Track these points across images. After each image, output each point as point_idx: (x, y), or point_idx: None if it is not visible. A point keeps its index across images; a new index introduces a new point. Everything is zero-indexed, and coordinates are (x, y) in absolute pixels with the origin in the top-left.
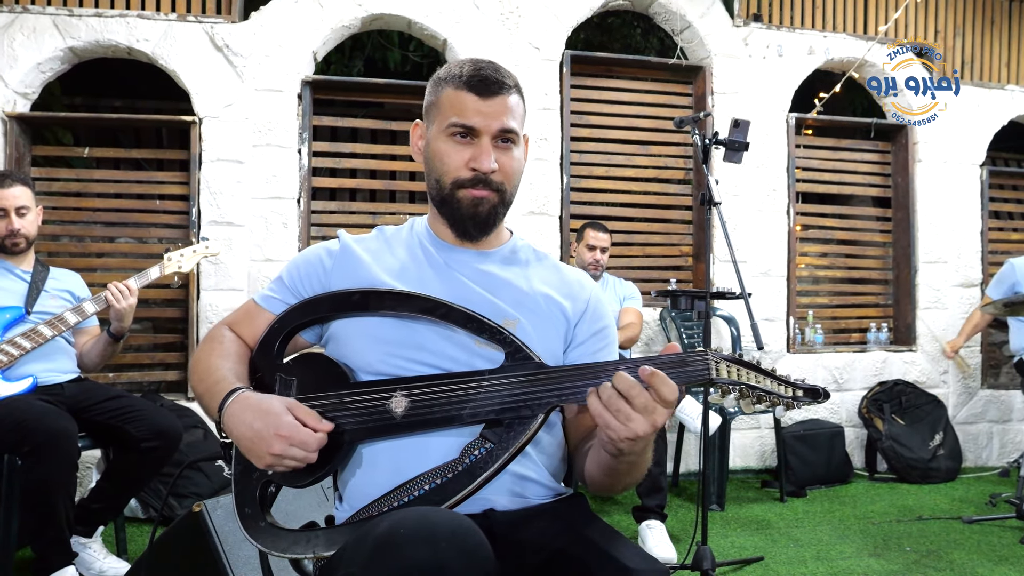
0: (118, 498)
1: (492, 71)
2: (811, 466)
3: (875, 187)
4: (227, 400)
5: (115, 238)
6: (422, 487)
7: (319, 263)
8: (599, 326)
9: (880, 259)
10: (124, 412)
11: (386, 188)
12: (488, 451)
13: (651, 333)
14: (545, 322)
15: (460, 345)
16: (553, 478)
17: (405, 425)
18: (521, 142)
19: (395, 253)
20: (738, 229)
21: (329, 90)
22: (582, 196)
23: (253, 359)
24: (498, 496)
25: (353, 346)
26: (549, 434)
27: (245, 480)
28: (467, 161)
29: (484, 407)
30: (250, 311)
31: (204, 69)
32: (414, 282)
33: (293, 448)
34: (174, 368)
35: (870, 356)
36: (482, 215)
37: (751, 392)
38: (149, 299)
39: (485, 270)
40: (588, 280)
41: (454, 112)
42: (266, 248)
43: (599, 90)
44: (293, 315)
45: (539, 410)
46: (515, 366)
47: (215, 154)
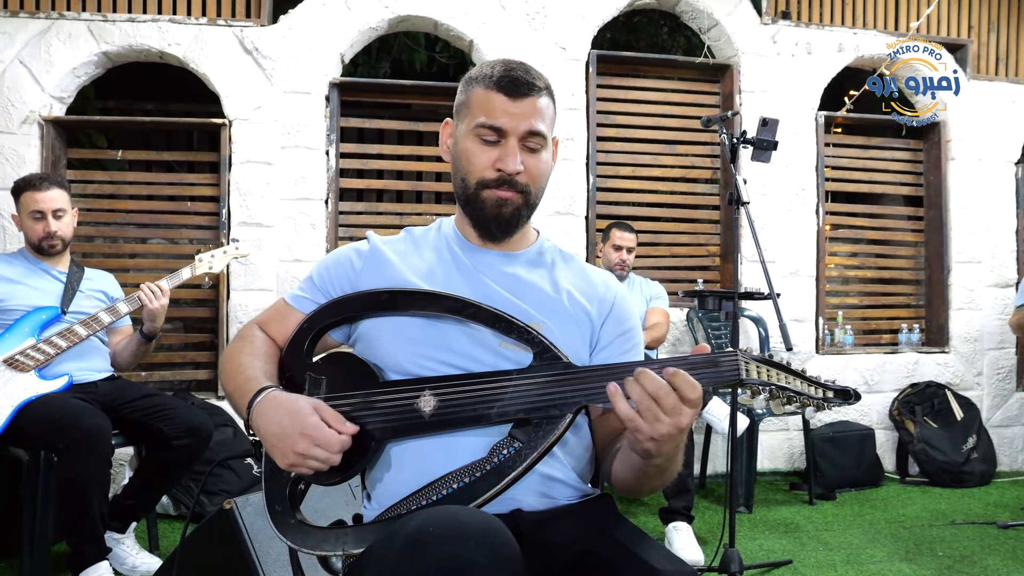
0: (150, 495)
1: (523, 72)
2: (841, 469)
3: (906, 186)
4: (256, 398)
5: (147, 239)
6: (450, 486)
7: (349, 264)
8: (625, 327)
9: (911, 259)
10: (156, 410)
11: (413, 189)
12: (516, 450)
13: (677, 334)
14: (570, 324)
15: (485, 346)
16: (580, 479)
17: (433, 424)
18: (549, 145)
19: (423, 255)
20: (766, 229)
21: (356, 92)
22: (608, 196)
23: (283, 358)
24: (526, 496)
25: (382, 345)
26: (576, 435)
27: (275, 478)
28: (493, 162)
29: (512, 406)
30: (281, 310)
31: (234, 72)
32: (441, 284)
33: (316, 448)
34: (204, 367)
35: (901, 357)
36: (505, 216)
37: (781, 393)
38: (180, 299)
39: (511, 272)
40: (613, 281)
41: (483, 112)
42: (295, 249)
43: (625, 89)
44: (323, 314)
45: (567, 410)
46: (543, 366)
47: (245, 156)
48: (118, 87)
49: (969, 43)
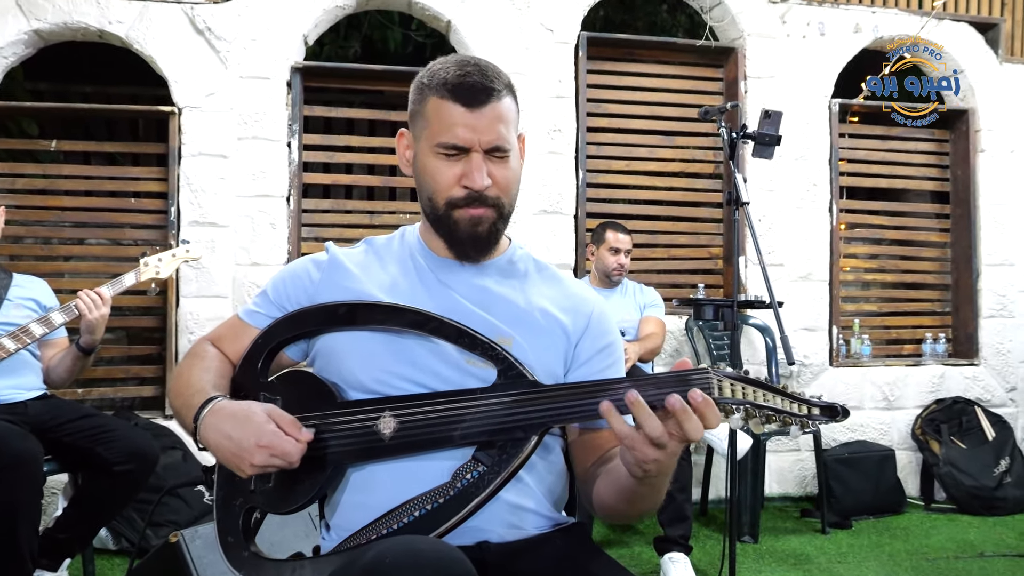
0: (87, 527)
1: (479, 76)
2: (857, 494)
3: (931, 180)
4: (203, 410)
5: (85, 240)
6: (412, 513)
7: (306, 275)
8: (604, 343)
9: (937, 261)
10: (95, 432)
11: (385, 185)
12: (480, 475)
13: (676, 344)
14: (542, 339)
15: (451, 363)
16: (552, 506)
17: (394, 447)
18: (515, 147)
19: (386, 267)
20: (773, 229)
21: (322, 77)
22: (600, 193)
23: (236, 376)
24: (493, 526)
25: (341, 361)
26: (545, 459)
27: (228, 507)
28: (459, 178)
29: (476, 428)
30: (234, 326)
31: (184, 54)
32: (405, 298)
33: (275, 459)
34: (150, 383)
35: (925, 370)
36: (482, 235)
37: (758, 411)
38: (122, 307)
39: (480, 284)
40: (591, 294)
41: (441, 129)
42: (253, 251)
43: (619, 75)
44: (278, 329)
45: (532, 432)
46: (508, 384)
47: (196, 148)
48: (52, 68)
49: (1002, 22)
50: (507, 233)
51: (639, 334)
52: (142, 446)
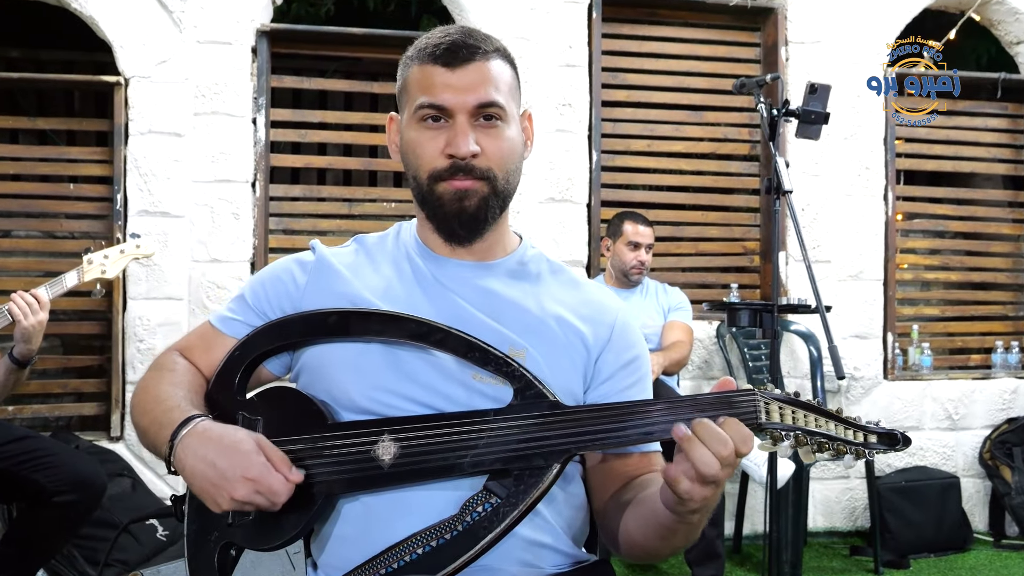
0: (23, 567)
1: (463, 36)
2: (916, 528)
3: (1004, 162)
4: (182, 429)
5: (12, 232)
6: (414, 551)
7: (290, 278)
8: (628, 356)
9: (1010, 257)
10: (31, 457)
11: (365, 168)
12: (493, 507)
13: (705, 354)
14: (559, 352)
15: (456, 380)
16: (572, 542)
17: (394, 476)
18: (513, 118)
19: (379, 269)
20: (819, 220)
21: (292, 42)
22: (616, 178)
23: (210, 393)
24: (506, 564)
25: (331, 377)
26: (565, 490)
27: (201, 542)
28: (443, 148)
29: (489, 455)
30: (205, 335)
31: (131, 15)
32: (402, 304)
33: (258, 496)
34: (92, 399)
35: (995, 385)
36: (469, 210)
37: (809, 439)
38: (59, 310)
39: (486, 287)
40: (614, 300)
41: (421, 91)
42: (212, 246)
43: (640, 40)
44: (258, 339)
45: (554, 459)
46: (526, 405)
47: (146, 125)
48: None
49: None
50: (516, 230)
51: (663, 342)
52: (86, 473)
